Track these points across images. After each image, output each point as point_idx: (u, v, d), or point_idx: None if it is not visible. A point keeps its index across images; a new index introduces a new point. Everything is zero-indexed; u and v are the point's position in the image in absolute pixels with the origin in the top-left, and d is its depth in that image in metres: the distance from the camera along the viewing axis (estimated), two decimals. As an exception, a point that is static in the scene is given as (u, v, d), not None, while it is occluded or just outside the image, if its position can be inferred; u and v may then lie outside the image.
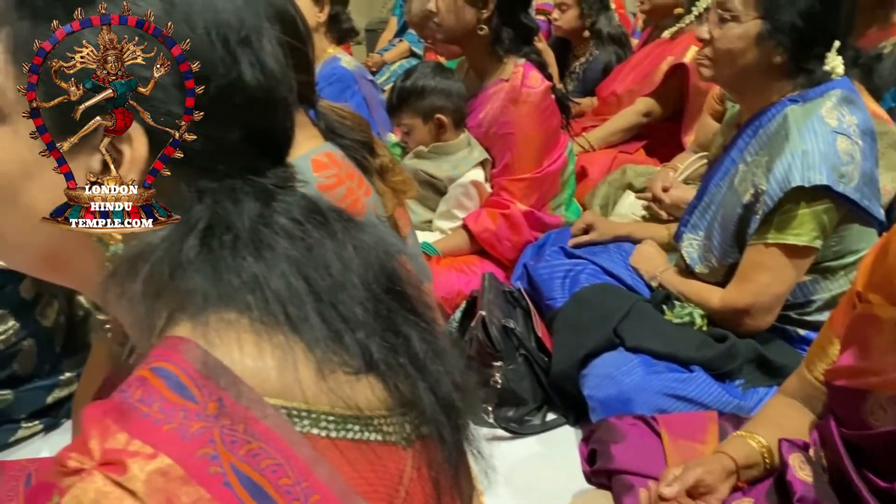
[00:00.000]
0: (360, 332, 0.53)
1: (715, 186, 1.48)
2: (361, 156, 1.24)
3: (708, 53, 1.42)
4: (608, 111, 2.61)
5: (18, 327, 1.37)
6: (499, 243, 1.83)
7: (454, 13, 1.80)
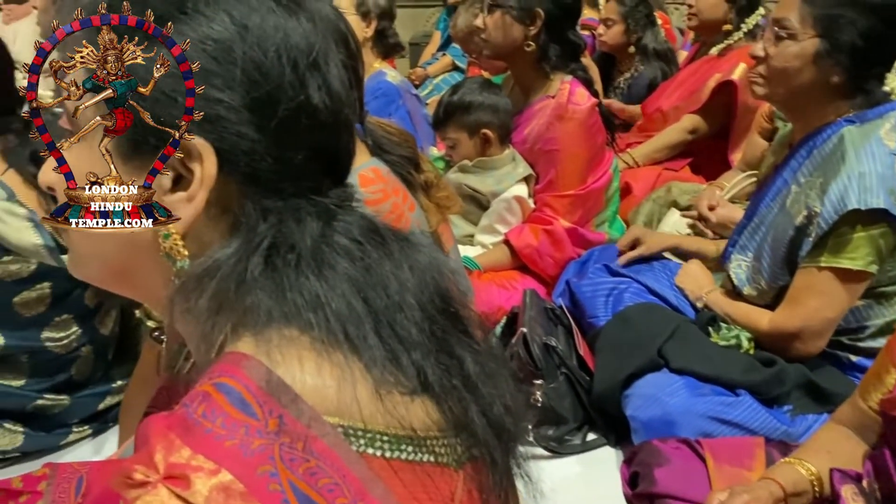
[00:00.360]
0: (415, 352, 0.53)
1: (765, 207, 1.45)
2: (407, 171, 1.25)
3: (762, 71, 1.40)
4: (653, 128, 2.59)
5: (80, 333, 1.41)
6: (541, 259, 1.83)
7: (502, 30, 1.81)
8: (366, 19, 2.41)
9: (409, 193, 1.24)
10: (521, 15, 1.78)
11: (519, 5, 1.77)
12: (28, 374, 1.37)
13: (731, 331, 1.41)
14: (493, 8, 1.82)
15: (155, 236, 0.52)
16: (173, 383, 0.67)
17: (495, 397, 0.59)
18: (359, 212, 0.58)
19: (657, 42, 3.01)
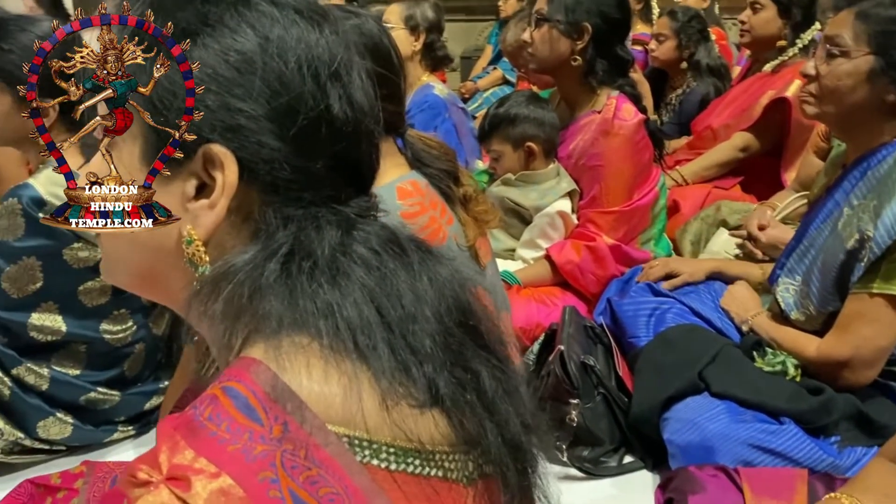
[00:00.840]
0: (427, 365, 0.53)
1: (816, 229, 1.40)
2: (446, 185, 1.25)
3: (813, 90, 1.36)
4: (703, 145, 2.53)
5: (135, 329, 1.45)
6: (582, 276, 1.80)
7: (548, 44, 1.80)
8: (414, 33, 2.43)
9: (447, 207, 1.24)
10: (568, 29, 1.77)
11: (566, 19, 1.76)
12: (84, 365, 1.40)
13: (777, 356, 1.36)
14: (540, 22, 1.82)
15: (179, 242, 0.53)
16: (198, 385, 0.68)
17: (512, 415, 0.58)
18: (380, 222, 0.59)
19: (710, 58, 2.96)
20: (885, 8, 1.28)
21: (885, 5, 1.28)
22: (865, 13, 1.29)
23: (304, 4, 0.55)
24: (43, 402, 1.31)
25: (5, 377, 1.27)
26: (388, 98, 1.20)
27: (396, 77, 1.20)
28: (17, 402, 1.28)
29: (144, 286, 0.59)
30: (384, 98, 1.20)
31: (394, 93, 1.20)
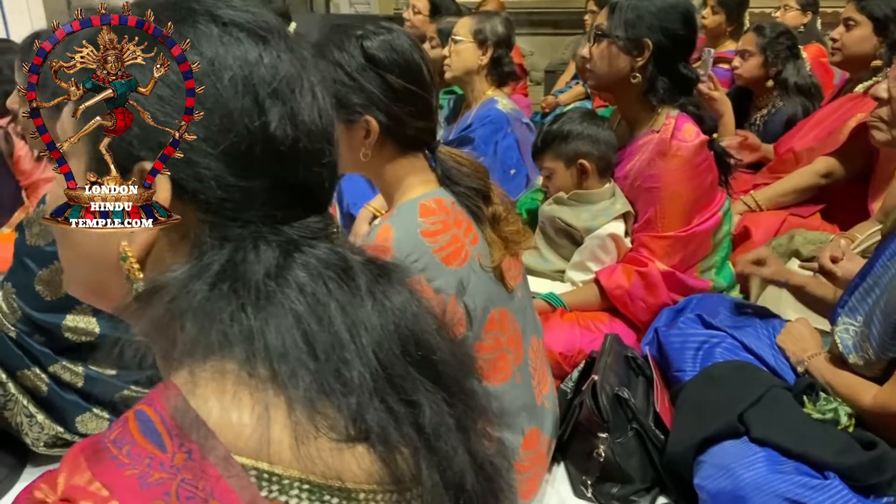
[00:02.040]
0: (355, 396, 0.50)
1: (881, 266, 1.28)
2: (475, 203, 1.22)
3: (883, 114, 1.25)
4: (784, 169, 2.38)
5: None
6: (632, 303, 1.72)
7: (607, 60, 1.74)
8: (482, 47, 2.42)
9: (474, 226, 1.21)
10: (627, 45, 1.70)
11: (626, 35, 1.70)
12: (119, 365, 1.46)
13: (830, 403, 1.25)
14: (599, 37, 1.76)
15: (118, 258, 0.53)
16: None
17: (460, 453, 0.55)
18: (329, 245, 0.57)
19: (800, 76, 2.78)
20: None
21: None
22: None
23: (252, 22, 0.54)
24: (79, 399, 1.37)
25: (43, 374, 1.33)
26: (416, 115, 1.19)
27: (426, 93, 1.18)
28: (55, 398, 1.34)
29: (95, 297, 0.60)
30: (413, 115, 1.20)
31: (423, 109, 1.18)
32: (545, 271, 1.87)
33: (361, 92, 1.14)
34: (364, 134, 1.17)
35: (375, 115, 1.15)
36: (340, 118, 1.16)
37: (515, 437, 1.25)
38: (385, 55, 1.14)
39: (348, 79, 1.13)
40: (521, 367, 1.28)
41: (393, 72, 1.14)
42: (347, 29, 1.17)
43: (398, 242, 1.11)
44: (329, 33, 1.18)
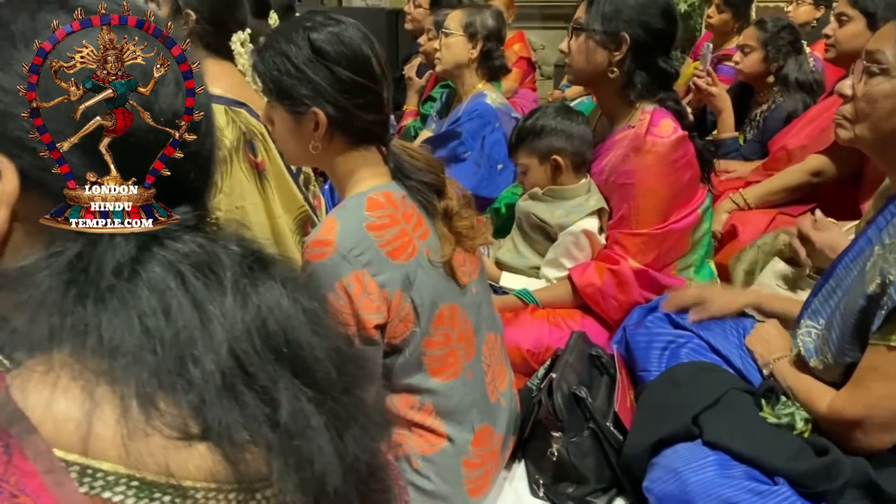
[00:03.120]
0: (196, 393, 0.50)
1: (844, 268, 1.25)
2: (426, 198, 1.21)
3: (847, 112, 1.21)
4: (777, 167, 2.33)
5: None
6: (603, 300, 1.70)
7: (584, 54, 1.72)
8: (472, 40, 2.40)
9: (425, 220, 1.20)
10: (604, 40, 1.67)
11: (603, 29, 1.67)
12: None
13: (788, 407, 1.22)
14: (576, 31, 1.73)
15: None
16: None
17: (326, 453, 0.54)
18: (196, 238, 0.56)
19: (801, 72, 2.72)
20: None
21: None
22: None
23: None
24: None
25: None
26: (366, 107, 1.18)
27: (376, 86, 1.17)
28: None
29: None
30: (362, 107, 1.19)
31: (373, 101, 1.17)
32: (521, 267, 1.85)
33: (308, 84, 1.13)
34: (313, 126, 1.16)
35: (323, 106, 1.14)
36: (288, 109, 1.16)
37: (465, 434, 1.24)
38: (332, 47, 1.13)
39: (295, 70, 1.13)
40: (473, 364, 1.26)
41: (340, 64, 1.13)
42: (297, 21, 1.16)
43: (342, 236, 1.10)
44: (282, 25, 1.17)
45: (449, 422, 1.23)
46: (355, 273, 1.10)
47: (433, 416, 1.22)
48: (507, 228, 1.98)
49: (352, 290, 1.10)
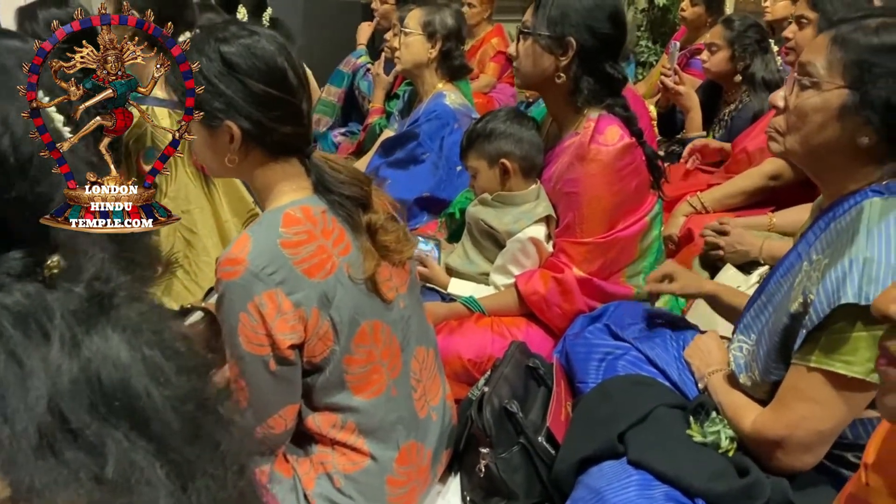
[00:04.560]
0: (5, 454, 0.47)
1: (775, 283, 1.23)
2: (347, 213, 1.18)
3: (778, 124, 1.19)
4: (738, 169, 2.31)
5: None
6: (548, 309, 1.68)
7: (531, 58, 1.69)
8: (431, 40, 2.37)
9: (347, 234, 1.18)
10: (550, 44, 1.64)
11: (549, 33, 1.64)
12: None
13: (714, 425, 1.20)
14: (523, 34, 1.70)
15: None
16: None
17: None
18: (26, 289, 0.53)
19: (767, 71, 2.69)
20: (866, 33, 1.09)
21: (867, 30, 1.09)
22: (843, 38, 1.10)
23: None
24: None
25: None
26: (282, 120, 1.15)
27: (293, 98, 1.14)
28: None
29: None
30: (278, 120, 1.16)
31: (290, 114, 1.15)
32: (471, 273, 1.83)
33: (221, 97, 1.10)
34: (228, 139, 1.13)
35: (237, 120, 1.11)
36: (202, 123, 1.13)
37: (389, 452, 1.22)
38: (244, 60, 1.10)
39: (207, 83, 1.10)
40: (399, 380, 1.24)
41: (253, 76, 1.10)
42: (210, 32, 1.13)
43: (254, 254, 1.08)
44: (195, 35, 1.14)
45: (372, 440, 1.21)
46: (268, 292, 1.08)
47: (356, 435, 1.20)
48: (461, 232, 1.96)
49: (264, 310, 1.08)
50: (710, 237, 1.88)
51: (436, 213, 2.31)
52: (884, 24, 1.08)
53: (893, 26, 1.07)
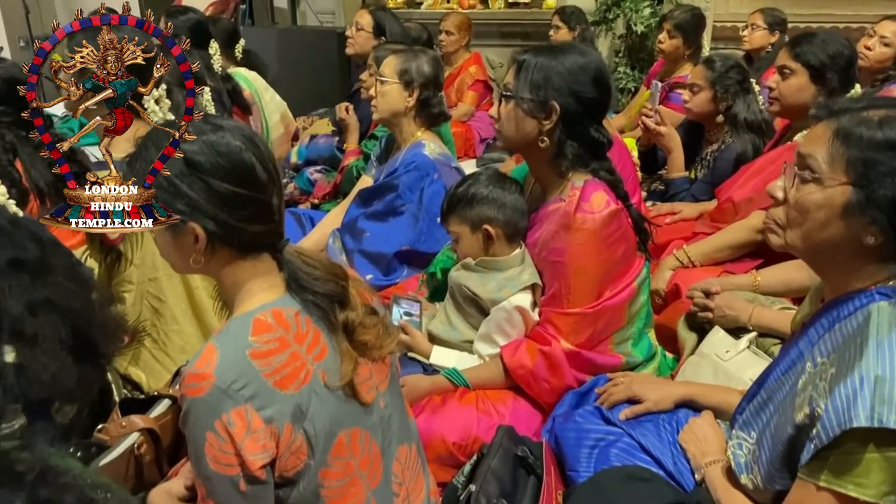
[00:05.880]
0: None
1: (776, 380, 1.17)
2: (323, 313, 1.10)
3: (777, 216, 1.13)
4: (724, 219, 2.26)
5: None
6: (535, 383, 1.61)
7: (514, 122, 1.62)
8: (408, 88, 2.29)
9: (322, 336, 1.09)
10: (534, 108, 1.58)
11: (532, 97, 1.58)
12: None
13: (714, 531, 1.14)
14: (505, 97, 1.64)
15: None
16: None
17: None
18: None
19: (749, 112, 2.67)
20: (870, 127, 1.03)
21: (870, 124, 1.03)
22: (846, 132, 1.05)
23: None
24: None
25: None
26: (250, 219, 1.07)
27: (262, 195, 1.06)
28: None
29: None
30: (246, 219, 1.08)
31: (258, 212, 1.06)
32: (453, 341, 1.75)
33: (183, 199, 1.01)
34: (192, 240, 1.04)
35: (201, 221, 1.03)
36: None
37: (370, 565, 1.14)
38: (207, 158, 1.01)
39: (168, 184, 1.01)
40: (379, 489, 1.16)
41: (217, 176, 1.02)
42: (171, 127, 1.04)
43: (221, 368, 0.99)
44: (153, 131, 1.06)
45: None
46: (237, 409, 0.99)
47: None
48: (443, 291, 1.89)
49: (233, 430, 0.99)
50: (699, 299, 1.82)
51: (417, 267, 2.24)
52: (887, 117, 1.03)
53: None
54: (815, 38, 2.07)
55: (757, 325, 1.73)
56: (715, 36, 4.59)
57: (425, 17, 5.23)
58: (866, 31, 3.32)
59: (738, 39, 4.08)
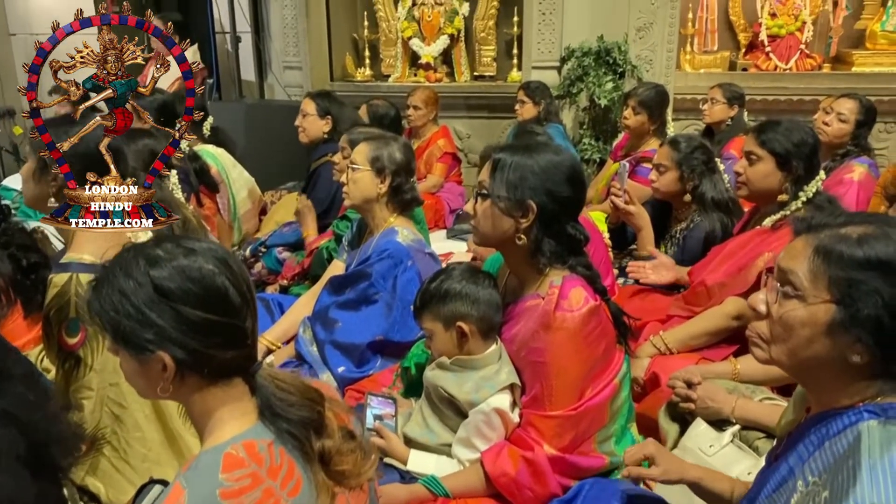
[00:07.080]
0: None
1: (767, 498, 1.13)
2: (297, 443, 1.04)
3: (761, 330, 1.12)
4: (697, 301, 2.27)
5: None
6: (518, 492, 1.55)
7: (490, 220, 1.61)
8: (380, 175, 2.28)
9: (297, 468, 1.04)
10: (510, 207, 1.57)
11: (508, 196, 1.57)
12: None
13: None
14: (482, 196, 1.63)
15: None
16: None
17: None
18: None
19: (716, 191, 2.72)
20: (851, 245, 1.02)
21: (849, 241, 1.03)
22: (827, 249, 1.04)
23: None
24: None
25: None
26: (222, 345, 1.02)
27: (235, 320, 1.02)
28: None
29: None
30: (218, 346, 1.03)
31: (231, 338, 1.02)
32: (431, 444, 1.69)
33: (151, 327, 0.97)
34: (160, 368, 0.99)
35: (171, 350, 0.98)
36: (130, 353, 0.99)
37: None
38: (177, 285, 0.97)
39: (136, 312, 0.96)
40: None
41: (188, 303, 0.98)
42: (140, 251, 1.00)
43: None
44: (120, 254, 1.01)
45: None
46: (207, 556, 0.92)
47: None
48: (418, 387, 1.84)
49: (203, 579, 0.92)
50: (681, 389, 1.80)
51: (391, 357, 2.18)
52: (865, 235, 1.03)
53: (875, 238, 1.02)
54: (779, 127, 2.13)
55: (740, 417, 1.71)
56: (675, 107, 4.72)
57: (393, 90, 5.30)
58: (820, 106, 3.43)
59: (698, 111, 4.20)
